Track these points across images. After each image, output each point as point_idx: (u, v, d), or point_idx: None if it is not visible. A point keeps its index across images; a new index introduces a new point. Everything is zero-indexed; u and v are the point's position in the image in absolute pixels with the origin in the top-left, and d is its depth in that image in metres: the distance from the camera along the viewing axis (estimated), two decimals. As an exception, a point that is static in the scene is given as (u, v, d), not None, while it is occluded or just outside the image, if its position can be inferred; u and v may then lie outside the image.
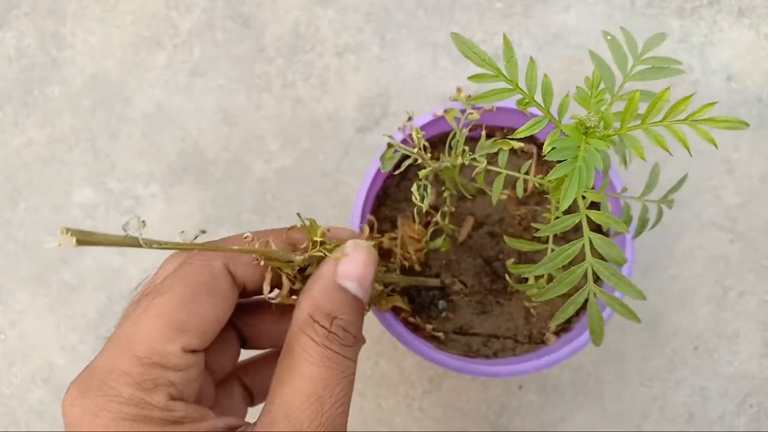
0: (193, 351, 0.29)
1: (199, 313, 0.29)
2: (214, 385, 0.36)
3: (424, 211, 0.44)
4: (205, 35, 0.70)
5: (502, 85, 0.32)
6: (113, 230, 0.25)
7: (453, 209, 0.48)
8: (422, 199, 0.42)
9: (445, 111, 0.46)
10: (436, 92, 0.69)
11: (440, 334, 0.51)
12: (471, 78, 0.32)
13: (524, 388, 0.62)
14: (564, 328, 0.52)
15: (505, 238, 0.42)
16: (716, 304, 0.64)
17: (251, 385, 0.40)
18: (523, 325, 0.52)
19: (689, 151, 0.30)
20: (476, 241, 0.54)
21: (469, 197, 0.53)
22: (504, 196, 0.47)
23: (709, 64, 0.69)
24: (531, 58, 0.33)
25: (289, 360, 0.29)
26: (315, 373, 0.28)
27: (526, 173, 0.43)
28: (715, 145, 0.30)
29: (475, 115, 0.47)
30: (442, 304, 0.53)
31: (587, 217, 0.35)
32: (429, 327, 0.51)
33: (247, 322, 0.38)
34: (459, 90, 0.49)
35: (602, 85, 0.35)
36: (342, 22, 0.70)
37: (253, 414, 0.34)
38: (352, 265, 0.33)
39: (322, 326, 0.30)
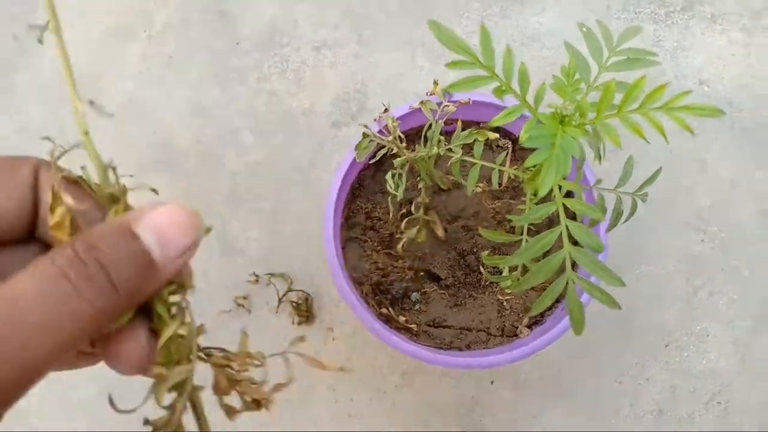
0: None
1: None
2: None
3: (398, 199, 0.43)
4: (180, 28, 0.69)
5: (479, 72, 0.32)
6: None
7: (428, 200, 0.47)
8: (396, 187, 0.42)
9: (422, 102, 0.46)
10: (413, 90, 0.69)
11: (413, 326, 0.51)
12: (449, 65, 0.32)
13: (496, 384, 0.62)
14: (536, 321, 0.52)
15: (480, 230, 0.43)
16: (686, 303, 0.65)
17: None
18: (496, 318, 0.52)
19: (666, 138, 0.30)
20: (450, 234, 0.55)
21: (445, 189, 0.53)
22: (479, 189, 0.47)
23: (681, 68, 0.70)
24: (507, 46, 0.33)
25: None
26: (27, 281, 0.22)
27: (502, 165, 0.43)
28: (692, 131, 0.30)
29: (451, 108, 0.47)
30: (415, 296, 0.53)
31: (563, 206, 0.35)
32: (402, 319, 0.51)
33: None
34: (436, 83, 0.49)
35: (577, 76, 0.35)
36: (319, 18, 0.70)
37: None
38: (163, 216, 0.24)
39: (72, 251, 0.22)
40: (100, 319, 0.23)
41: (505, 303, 0.53)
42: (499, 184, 0.50)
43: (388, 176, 0.43)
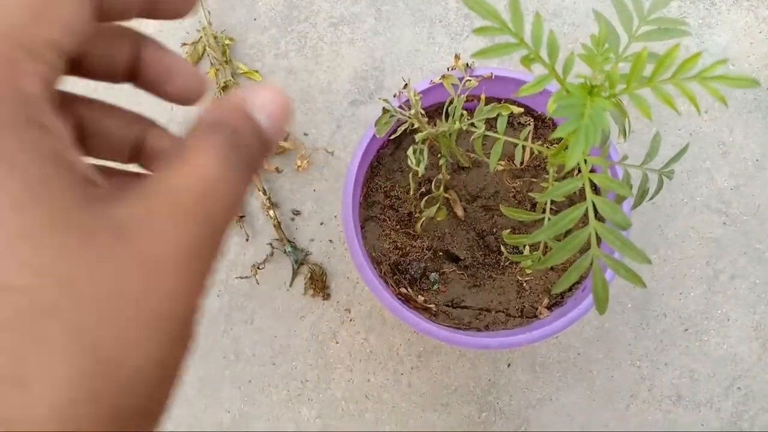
0: (61, 51, 0.25)
1: (62, 7, 0.25)
2: None
3: (419, 176, 0.43)
4: (196, 2, 0.68)
5: (507, 39, 0.31)
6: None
7: (448, 178, 0.47)
8: (418, 162, 0.41)
9: (443, 77, 0.45)
10: (431, 67, 0.68)
11: (432, 306, 0.51)
12: (476, 31, 0.31)
13: (512, 366, 0.62)
14: (556, 302, 0.52)
15: (502, 207, 0.42)
16: (707, 287, 0.64)
17: (88, 120, 0.31)
18: (516, 299, 0.52)
19: (698, 109, 0.29)
20: (470, 214, 0.54)
21: (464, 168, 0.52)
22: (500, 167, 0.46)
23: (706, 45, 0.69)
24: (537, 13, 0.32)
25: (178, 154, 0.26)
26: (209, 166, 0.25)
27: (525, 141, 0.42)
28: (725, 103, 0.29)
29: (473, 82, 0.46)
30: (434, 276, 0.52)
31: (589, 181, 0.34)
32: (420, 299, 0.50)
33: (93, 110, 0.30)
34: (457, 56, 0.48)
35: (607, 46, 0.34)
36: (337, -7, 0.69)
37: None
38: (267, 99, 0.29)
39: (222, 133, 0.27)
40: (247, 192, 0.28)
41: (524, 284, 0.52)
42: (521, 162, 0.49)
43: (410, 152, 0.42)
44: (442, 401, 0.61)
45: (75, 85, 0.27)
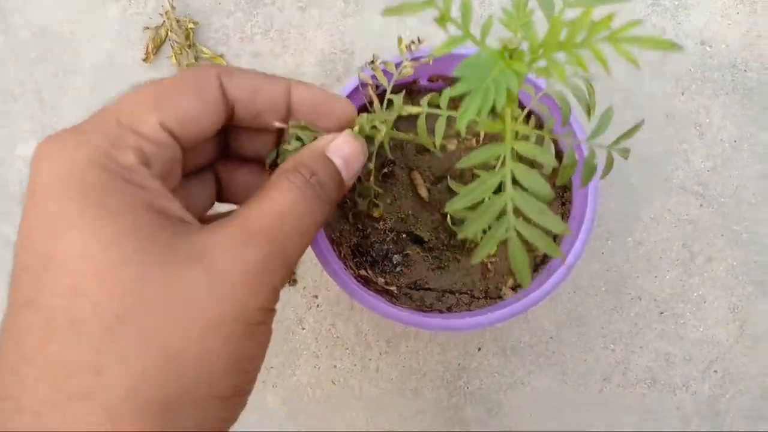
0: (171, 132, 0.30)
1: (181, 101, 0.31)
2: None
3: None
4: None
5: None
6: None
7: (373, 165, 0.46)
8: None
9: (372, 65, 0.45)
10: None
11: (393, 288, 0.49)
12: None
13: (483, 350, 0.61)
14: (521, 283, 0.50)
15: (450, 182, 0.41)
16: (683, 269, 0.63)
17: (226, 181, 0.39)
18: (480, 280, 0.51)
19: (607, 70, 0.28)
20: (434, 196, 0.53)
21: (429, 150, 0.51)
22: (453, 147, 0.45)
23: (683, 27, 0.68)
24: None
25: (261, 191, 0.30)
26: (284, 198, 0.30)
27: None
28: (637, 65, 0.28)
29: (409, 69, 0.45)
30: (397, 258, 0.51)
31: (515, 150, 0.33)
32: (381, 281, 0.49)
33: (228, 169, 0.39)
34: (400, 40, 0.47)
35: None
36: (305, -25, 0.67)
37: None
38: (343, 146, 0.34)
39: (302, 174, 0.31)
40: (321, 225, 0.33)
41: (489, 265, 0.51)
42: (477, 134, 0.49)
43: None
44: (411, 386, 0.60)
45: None
